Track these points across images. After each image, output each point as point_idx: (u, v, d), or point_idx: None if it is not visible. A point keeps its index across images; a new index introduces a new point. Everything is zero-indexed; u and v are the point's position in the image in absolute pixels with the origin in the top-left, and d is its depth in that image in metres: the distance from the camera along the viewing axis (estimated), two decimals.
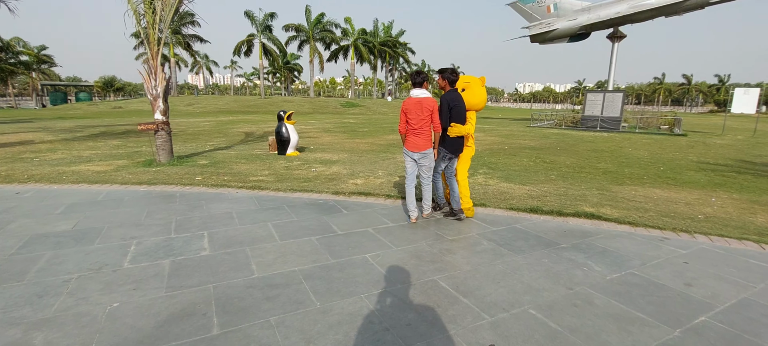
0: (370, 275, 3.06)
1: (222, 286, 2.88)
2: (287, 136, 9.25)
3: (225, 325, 2.39)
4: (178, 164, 7.96)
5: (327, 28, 46.77)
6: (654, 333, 2.34)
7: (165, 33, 8.23)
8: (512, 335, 2.32)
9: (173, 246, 3.63)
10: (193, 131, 15.99)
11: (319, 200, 5.27)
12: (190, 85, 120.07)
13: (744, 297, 2.78)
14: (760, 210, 5.07)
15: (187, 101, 40.70)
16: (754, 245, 3.81)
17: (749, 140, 15.45)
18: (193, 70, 68.84)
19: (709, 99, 78.43)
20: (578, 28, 21.15)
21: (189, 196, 5.49)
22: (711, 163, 9.29)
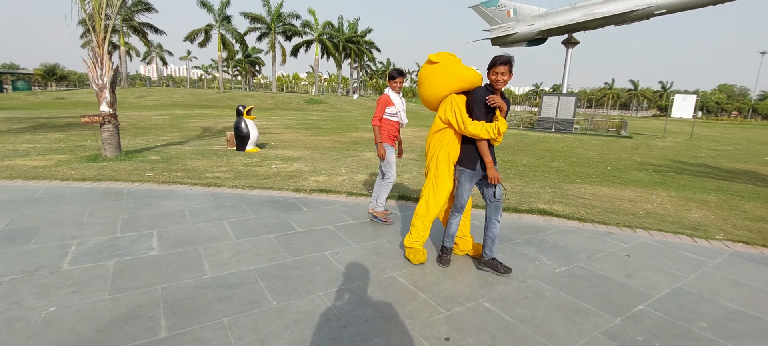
0: (328, 273, 3.03)
1: (171, 287, 2.74)
2: (246, 131, 8.97)
3: (173, 327, 2.28)
4: (127, 159, 7.51)
5: (288, 20, 45.69)
6: (597, 322, 2.48)
7: (113, 20, 7.73)
8: (467, 327, 2.37)
9: (119, 246, 3.42)
10: (144, 125, 15.14)
11: (278, 198, 5.15)
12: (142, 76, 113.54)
13: (677, 286, 3.01)
14: (694, 207, 5.51)
15: (138, 93, 38.49)
16: (687, 238, 4.14)
17: (687, 143, 16.77)
18: (146, 60, 65.10)
19: (653, 104, 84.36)
20: (536, 33, 22.01)
21: (138, 193, 5.19)
22: (653, 163, 9.99)
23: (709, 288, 2.99)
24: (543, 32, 21.80)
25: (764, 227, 4.62)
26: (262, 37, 46.09)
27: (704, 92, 79.41)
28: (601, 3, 19.76)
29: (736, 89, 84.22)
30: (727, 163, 10.60)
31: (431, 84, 3.11)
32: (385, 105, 4.14)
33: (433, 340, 2.24)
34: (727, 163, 10.75)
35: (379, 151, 4.16)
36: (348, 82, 69.52)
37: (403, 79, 4.25)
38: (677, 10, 18.24)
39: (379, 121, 4.16)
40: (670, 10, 18.23)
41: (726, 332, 2.41)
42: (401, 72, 4.23)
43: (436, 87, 3.09)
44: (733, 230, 4.48)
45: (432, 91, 3.13)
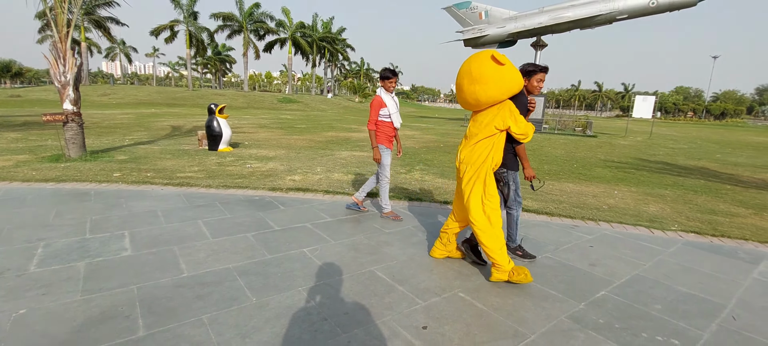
0: (308, 269, 3.07)
1: (147, 287, 2.71)
2: (219, 130, 8.81)
3: (152, 326, 2.26)
4: (92, 160, 7.24)
5: (261, 19, 44.85)
6: (563, 307, 2.64)
7: (76, 14, 7.42)
8: (443, 316, 2.48)
9: (89, 247, 3.33)
10: (109, 124, 14.56)
11: (254, 197, 5.12)
12: (105, 74, 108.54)
13: (636, 274, 3.23)
14: (652, 201, 5.87)
15: (102, 91, 36.84)
16: (645, 230, 4.43)
17: (646, 141, 17.69)
18: (109, 56, 62.23)
19: (616, 105, 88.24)
20: (506, 35, 22.63)
21: (106, 193, 5.03)
22: (615, 161, 10.51)
23: (664, 274, 3.23)
24: (513, 34, 22.44)
25: (714, 219, 5.00)
26: (232, 34, 45.02)
27: (663, 94, 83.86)
28: (567, 7, 20.56)
29: (691, 91, 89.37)
30: (682, 161, 11.28)
31: (496, 86, 2.82)
32: (379, 107, 4.12)
33: (411, 329, 2.33)
34: (683, 160, 11.46)
35: (375, 155, 4.19)
36: (322, 82, 68.99)
37: (396, 80, 4.19)
38: (638, 16, 19.23)
39: (374, 125, 4.16)
40: (631, 15, 19.19)
41: (678, 313, 2.63)
42: (394, 72, 4.17)
43: (500, 90, 2.83)
44: (686, 221, 4.82)
45: (494, 92, 2.84)
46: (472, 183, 2.98)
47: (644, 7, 18.68)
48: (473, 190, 2.98)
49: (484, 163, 2.95)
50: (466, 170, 3.01)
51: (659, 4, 18.24)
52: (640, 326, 2.46)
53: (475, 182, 2.97)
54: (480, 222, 2.93)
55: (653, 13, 18.75)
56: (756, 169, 10.13)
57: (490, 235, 2.90)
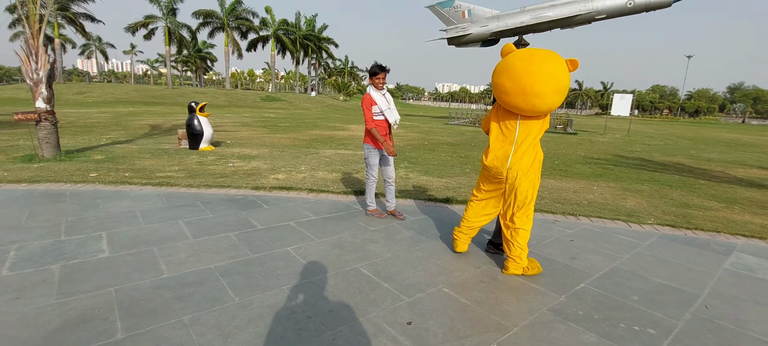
0: (292, 268, 3.04)
1: (126, 288, 2.64)
2: (200, 129, 8.65)
3: (131, 328, 2.21)
4: (67, 160, 7.01)
5: (243, 16, 44.13)
6: (545, 300, 2.70)
7: (49, 9, 7.17)
8: (428, 311, 2.50)
9: (64, 249, 3.22)
10: (85, 123, 14.12)
11: (237, 196, 5.05)
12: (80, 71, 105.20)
13: (614, 266, 3.32)
14: (629, 196, 6.03)
15: (77, 89, 35.70)
16: (623, 224, 4.54)
17: (625, 139, 18.16)
18: (84, 53, 60.29)
19: (595, 103, 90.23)
20: (489, 34, 22.86)
21: (82, 194, 4.88)
22: (595, 157, 10.76)
23: (640, 266, 3.33)
24: (496, 33, 22.69)
25: (688, 212, 5.17)
26: (214, 32, 44.16)
27: (640, 92, 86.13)
28: (548, 7, 20.90)
29: (667, 89, 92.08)
30: (658, 157, 11.62)
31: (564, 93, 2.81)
32: (370, 105, 4.00)
33: (395, 325, 2.34)
34: (659, 156, 11.80)
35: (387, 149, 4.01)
36: (306, 80, 68.40)
37: (385, 75, 4.00)
38: (616, 16, 19.68)
39: (372, 123, 4.04)
40: (609, 15, 19.63)
41: (654, 304, 2.71)
42: (382, 67, 3.98)
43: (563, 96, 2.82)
44: (662, 215, 4.97)
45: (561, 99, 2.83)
46: (532, 188, 2.97)
47: (622, 8, 19.14)
48: (533, 195, 2.99)
49: (532, 168, 2.96)
50: (517, 175, 2.91)
51: (636, 4, 18.71)
52: (618, 316, 2.52)
53: (531, 187, 2.96)
54: (528, 226, 3.02)
55: (630, 13, 19.23)
56: (728, 165, 10.51)
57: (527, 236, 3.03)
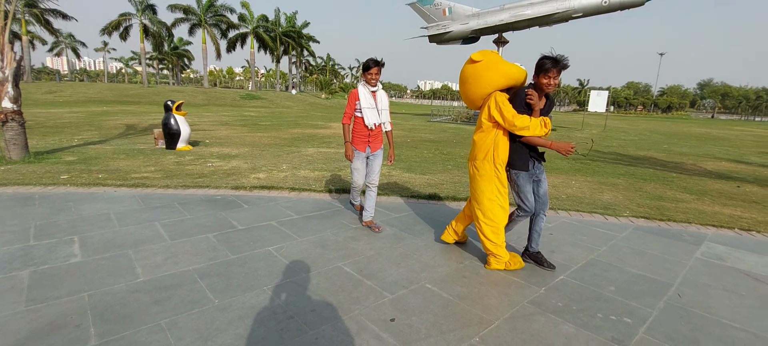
0: (273, 268, 3.00)
1: (99, 293, 2.55)
2: (177, 128, 8.43)
3: (105, 334, 2.14)
4: (36, 161, 6.73)
5: (221, 12, 43.20)
6: (526, 293, 2.74)
7: (14, 4, 6.85)
8: (411, 307, 2.50)
9: (33, 255, 3.09)
10: (56, 123, 13.59)
11: (216, 196, 4.94)
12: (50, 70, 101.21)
13: (591, 258, 3.40)
14: (606, 189, 6.19)
15: (46, 88, 34.31)
16: (600, 217, 4.66)
17: (601, 134, 18.64)
18: (54, 51, 57.95)
19: (573, 100, 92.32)
20: (469, 31, 23.08)
21: (52, 197, 4.69)
22: (573, 152, 10.98)
23: (617, 258, 3.42)
24: (476, 31, 22.94)
25: (661, 204, 5.34)
26: (192, 29, 43.08)
27: (615, 89, 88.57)
28: (526, 6, 21.25)
29: (641, 86, 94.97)
30: (633, 151, 11.98)
31: (476, 82, 3.00)
32: (354, 100, 3.73)
33: (379, 322, 2.33)
34: (634, 151, 12.16)
35: (346, 152, 3.79)
36: (287, 78, 67.58)
37: (379, 70, 3.67)
38: (591, 14, 20.15)
39: (348, 119, 3.76)
40: (585, 13, 20.09)
41: (630, 293, 2.79)
42: (377, 61, 3.65)
43: (480, 85, 2.99)
44: (637, 208, 5.12)
45: (476, 89, 3.02)
46: (479, 175, 3.05)
47: (597, 6, 19.61)
48: (480, 182, 3.05)
49: (486, 158, 3.00)
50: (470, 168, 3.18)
51: (611, 3, 19.19)
52: (595, 307, 2.59)
53: (483, 175, 3.03)
54: (477, 213, 3.08)
55: (606, 11, 19.71)
56: (698, 158, 10.92)
57: (491, 227, 3.02)
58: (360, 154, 3.81)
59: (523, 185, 3.01)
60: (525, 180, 3.00)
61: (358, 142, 3.79)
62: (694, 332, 2.35)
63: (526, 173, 2.99)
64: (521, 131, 2.83)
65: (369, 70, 3.65)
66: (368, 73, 3.66)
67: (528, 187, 3.02)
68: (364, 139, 3.77)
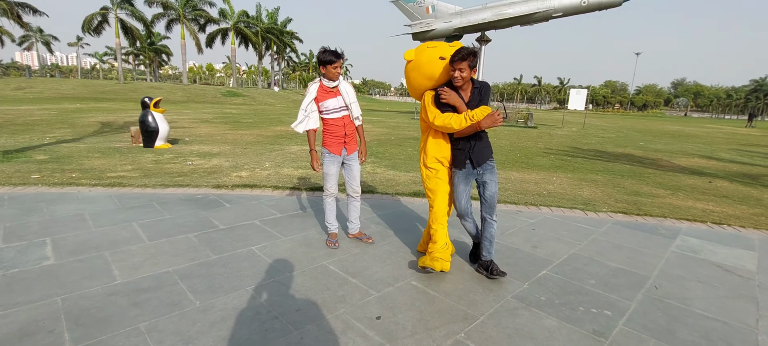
0: (257, 267, 2.95)
1: (74, 297, 2.46)
2: (154, 126, 8.21)
3: (80, 339, 2.06)
4: (5, 160, 6.45)
5: (200, 6, 42.23)
6: (509, 287, 2.77)
7: None
8: (397, 305, 2.50)
9: (2, 258, 2.96)
10: (25, 121, 13.06)
11: (196, 195, 4.83)
12: (20, 65, 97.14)
13: (572, 253, 3.46)
14: (585, 186, 6.32)
15: (15, 84, 32.96)
16: (580, 212, 4.76)
17: (581, 132, 19.05)
18: (23, 45, 55.59)
19: (553, 98, 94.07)
20: (452, 30, 23.22)
21: (22, 198, 4.50)
22: (554, 150, 11.21)
23: (597, 252, 3.50)
24: (459, 29, 23.09)
25: (638, 200, 5.49)
26: (170, 24, 41.98)
27: (594, 87, 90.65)
28: (508, 5, 21.53)
29: (618, 85, 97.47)
30: (611, 148, 12.28)
31: (408, 83, 3.06)
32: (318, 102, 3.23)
33: (364, 320, 2.32)
34: (612, 148, 12.47)
35: (312, 162, 3.35)
36: (269, 75, 66.65)
37: (338, 63, 3.12)
38: (571, 14, 20.56)
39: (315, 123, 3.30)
40: (565, 13, 20.48)
41: (610, 286, 2.85)
42: (336, 53, 3.10)
43: (411, 86, 3.05)
44: (615, 203, 5.24)
45: (411, 90, 3.11)
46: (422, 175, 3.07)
47: (576, 6, 20.03)
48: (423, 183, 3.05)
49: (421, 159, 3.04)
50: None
51: (589, 3, 19.63)
52: (577, 300, 2.64)
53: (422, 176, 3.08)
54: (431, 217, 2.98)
55: (584, 11, 20.15)
56: (672, 155, 11.29)
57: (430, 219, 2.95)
58: (335, 158, 3.31)
59: (456, 184, 2.91)
60: (459, 179, 2.89)
61: (331, 144, 3.29)
62: (671, 323, 2.42)
63: (461, 172, 2.86)
64: (444, 129, 2.74)
65: (331, 63, 3.08)
66: (330, 66, 3.09)
67: (460, 187, 2.89)
68: (340, 141, 3.29)
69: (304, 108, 3.24)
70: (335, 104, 3.24)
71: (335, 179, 3.38)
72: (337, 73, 3.15)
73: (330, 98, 3.22)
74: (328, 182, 3.37)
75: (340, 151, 3.32)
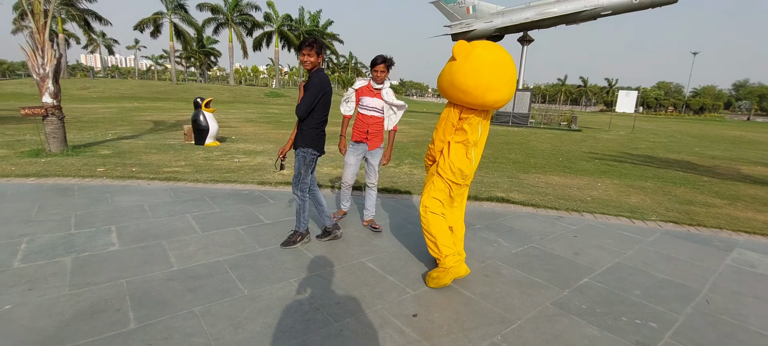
0: (299, 261, 3.09)
1: (136, 280, 2.70)
2: (205, 124, 8.71)
3: (143, 319, 2.27)
4: (74, 154, 7.08)
5: (246, 11, 44.11)
6: (548, 294, 2.73)
7: (53, 4, 7.21)
8: (433, 304, 2.54)
9: (75, 242, 3.29)
10: (90, 118, 14.22)
11: (243, 191, 5.10)
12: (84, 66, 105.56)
13: (617, 262, 3.35)
14: (633, 192, 6.04)
15: (81, 84, 35.89)
16: (627, 220, 4.57)
17: (629, 136, 18.10)
18: (88, 48, 60.47)
19: (600, 100, 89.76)
20: (493, 30, 22.80)
21: (90, 188, 4.95)
22: (599, 154, 10.75)
23: (643, 262, 3.36)
24: (500, 29, 22.63)
25: (691, 209, 5.18)
26: (218, 28, 44.17)
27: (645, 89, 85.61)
28: (553, 3, 20.81)
29: (672, 86, 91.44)
30: (663, 154, 11.60)
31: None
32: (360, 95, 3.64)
33: (401, 317, 2.39)
34: (663, 153, 11.77)
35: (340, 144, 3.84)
36: None
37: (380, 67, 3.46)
38: (621, 12, 19.57)
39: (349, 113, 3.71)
40: (615, 11, 19.53)
41: (656, 298, 2.74)
42: (383, 58, 3.46)
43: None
44: (665, 212, 4.98)
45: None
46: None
47: (627, 4, 19.03)
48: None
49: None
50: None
51: (642, 1, 18.59)
52: (620, 310, 2.56)
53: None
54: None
55: (637, 9, 19.11)
56: (732, 162, 10.48)
57: None
58: (355, 147, 3.71)
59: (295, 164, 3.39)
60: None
61: (355, 132, 3.70)
62: (722, 339, 2.30)
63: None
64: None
65: (376, 65, 3.46)
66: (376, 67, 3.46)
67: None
68: (362, 133, 3.66)
69: (346, 95, 3.70)
70: (372, 104, 3.61)
71: (351, 171, 3.79)
72: (380, 76, 3.50)
73: (370, 96, 3.61)
74: (346, 172, 3.81)
75: (361, 139, 3.69)
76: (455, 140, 2.76)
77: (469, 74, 2.50)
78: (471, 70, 2.50)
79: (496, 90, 2.51)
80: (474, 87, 2.50)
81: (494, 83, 2.50)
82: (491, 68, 2.49)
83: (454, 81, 2.57)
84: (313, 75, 3.13)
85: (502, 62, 2.52)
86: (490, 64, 2.50)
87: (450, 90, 2.64)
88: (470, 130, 2.70)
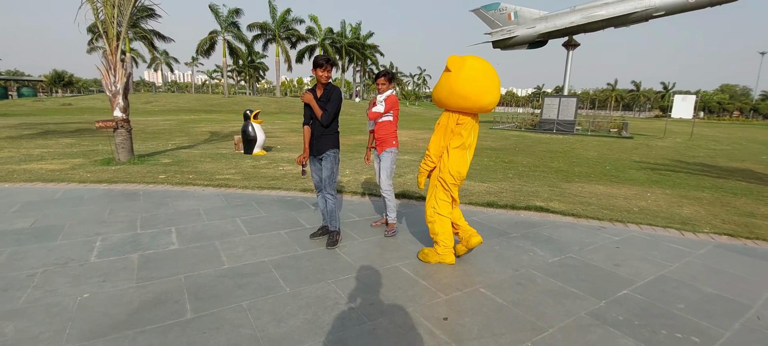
0: (337, 264, 3.27)
1: (193, 276, 2.99)
2: (254, 135, 9.25)
3: (198, 310, 2.53)
4: (139, 163, 7.80)
5: (292, 26, 46.11)
6: (584, 304, 2.70)
7: (124, 27, 8.04)
8: (464, 309, 2.61)
9: (140, 241, 3.67)
10: (153, 130, 15.48)
11: (287, 197, 5.40)
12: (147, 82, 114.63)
13: (661, 274, 3.22)
14: (686, 203, 5.71)
15: (145, 99, 39.02)
16: (676, 232, 4.35)
17: (686, 143, 16.91)
18: (151, 66, 65.80)
19: (655, 105, 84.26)
20: (536, 35, 22.24)
21: (153, 194, 5.46)
22: (651, 162, 10.17)
23: (690, 275, 3.21)
24: (543, 35, 22.04)
25: (751, 222, 4.82)
26: (267, 44, 46.54)
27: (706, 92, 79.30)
28: (600, 6, 19.97)
29: (738, 89, 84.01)
30: (724, 162, 10.76)
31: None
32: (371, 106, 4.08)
33: (432, 320, 2.47)
34: (725, 162, 10.92)
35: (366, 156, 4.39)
36: (351, 86, 69.89)
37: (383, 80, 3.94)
38: (676, 12, 18.43)
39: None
40: (668, 12, 18.42)
41: (702, 313, 2.63)
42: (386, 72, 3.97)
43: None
44: (721, 224, 4.68)
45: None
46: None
47: (682, 4, 17.89)
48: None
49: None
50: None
51: (699, 0, 17.42)
52: (659, 323, 2.49)
53: None
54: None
55: (692, 9, 17.93)
56: None
57: None
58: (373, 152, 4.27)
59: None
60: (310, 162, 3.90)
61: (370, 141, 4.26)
62: None
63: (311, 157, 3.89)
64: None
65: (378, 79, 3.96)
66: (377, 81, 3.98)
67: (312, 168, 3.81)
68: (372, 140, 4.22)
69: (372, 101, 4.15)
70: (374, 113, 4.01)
71: (378, 174, 4.17)
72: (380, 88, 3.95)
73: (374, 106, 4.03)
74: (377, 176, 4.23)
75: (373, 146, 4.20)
76: (453, 146, 3.16)
77: (467, 81, 2.92)
78: (468, 77, 2.92)
79: (489, 93, 2.97)
80: (472, 92, 2.93)
81: (488, 88, 2.95)
82: (484, 75, 2.94)
83: (454, 89, 2.97)
84: (331, 88, 3.62)
85: (490, 71, 2.99)
86: (483, 71, 2.95)
87: (450, 98, 3.02)
88: (465, 133, 3.13)
